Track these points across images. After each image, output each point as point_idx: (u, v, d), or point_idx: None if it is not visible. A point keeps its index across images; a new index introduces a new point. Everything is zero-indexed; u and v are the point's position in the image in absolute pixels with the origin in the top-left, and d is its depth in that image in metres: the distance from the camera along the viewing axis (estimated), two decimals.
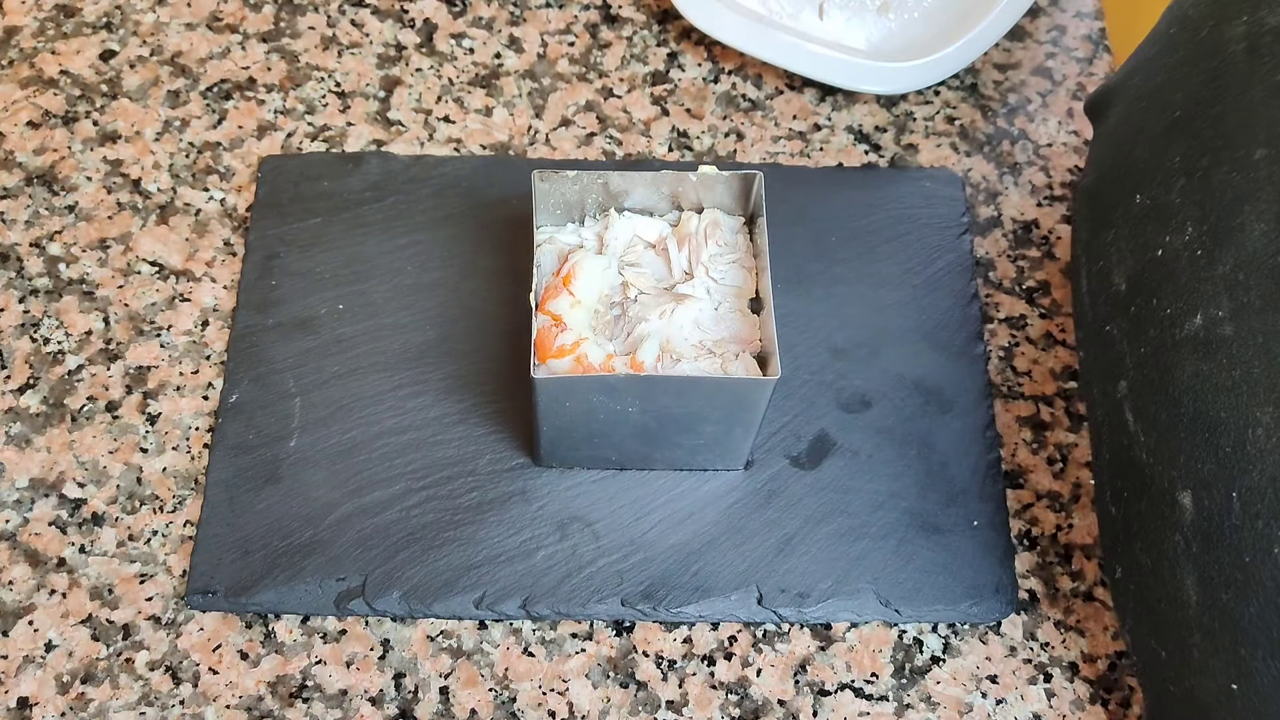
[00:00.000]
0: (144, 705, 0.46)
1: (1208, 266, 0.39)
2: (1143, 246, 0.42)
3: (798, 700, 0.47)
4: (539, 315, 0.47)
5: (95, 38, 0.63)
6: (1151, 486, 0.42)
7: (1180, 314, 0.40)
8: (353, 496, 0.50)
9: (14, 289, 0.55)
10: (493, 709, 0.47)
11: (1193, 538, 0.39)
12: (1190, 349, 0.39)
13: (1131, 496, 0.44)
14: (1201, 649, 0.40)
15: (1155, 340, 0.41)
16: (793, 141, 0.61)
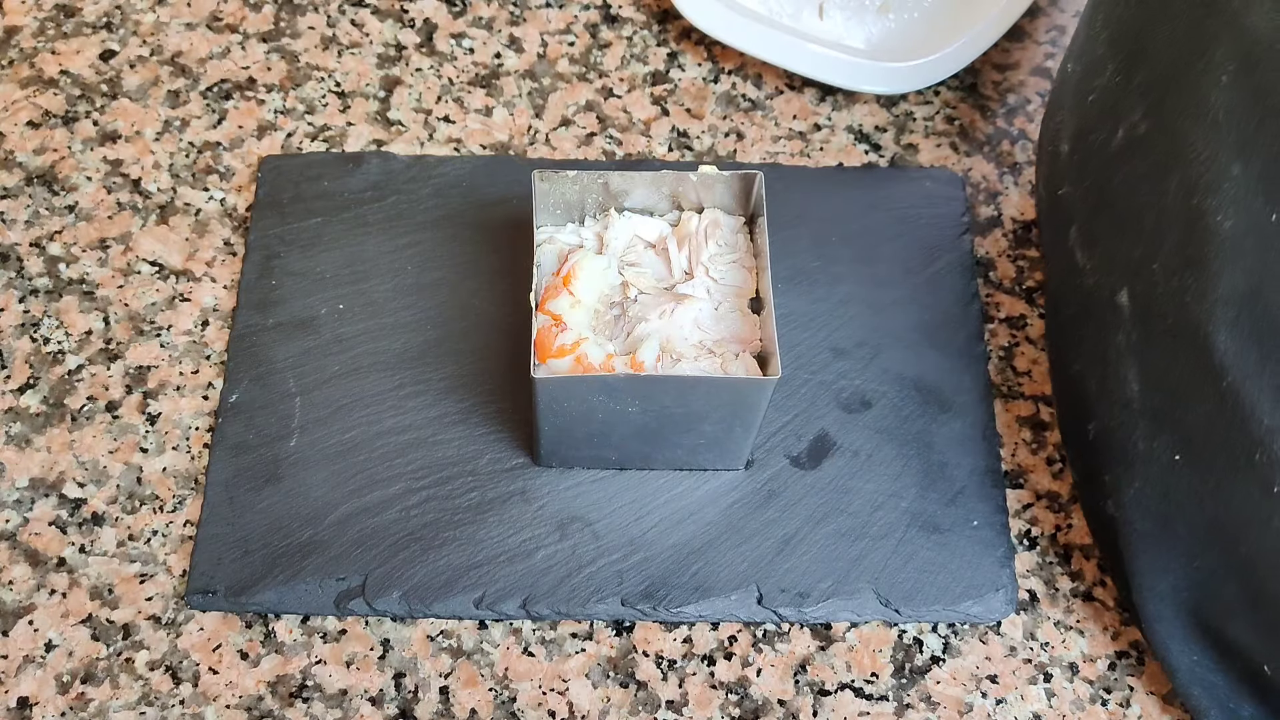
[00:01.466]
0: (144, 705, 0.46)
1: (1126, 85, 0.46)
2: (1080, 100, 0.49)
3: (798, 700, 0.47)
4: (539, 315, 0.47)
5: (95, 38, 0.63)
6: (1095, 303, 0.47)
7: (1107, 136, 0.46)
8: (353, 496, 0.50)
9: (14, 289, 0.55)
10: (493, 709, 0.47)
11: (1132, 328, 0.44)
12: (1119, 159, 0.46)
13: (1081, 329, 0.49)
14: (1148, 436, 0.45)
15: (1094, 171, 0.48)
16: (793, 141, 0.61)
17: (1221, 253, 0.41)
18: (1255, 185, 0.39)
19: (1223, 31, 0.41)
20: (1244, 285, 0.40)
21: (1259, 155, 0.39)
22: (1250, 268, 0.40)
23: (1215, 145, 0.41)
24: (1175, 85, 0.43)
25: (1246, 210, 0.40)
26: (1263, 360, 0.38)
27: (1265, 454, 0.40)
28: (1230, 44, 0.40)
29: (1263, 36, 0.39)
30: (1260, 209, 0.39)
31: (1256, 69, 0.39)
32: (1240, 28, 0.40)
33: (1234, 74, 0.40)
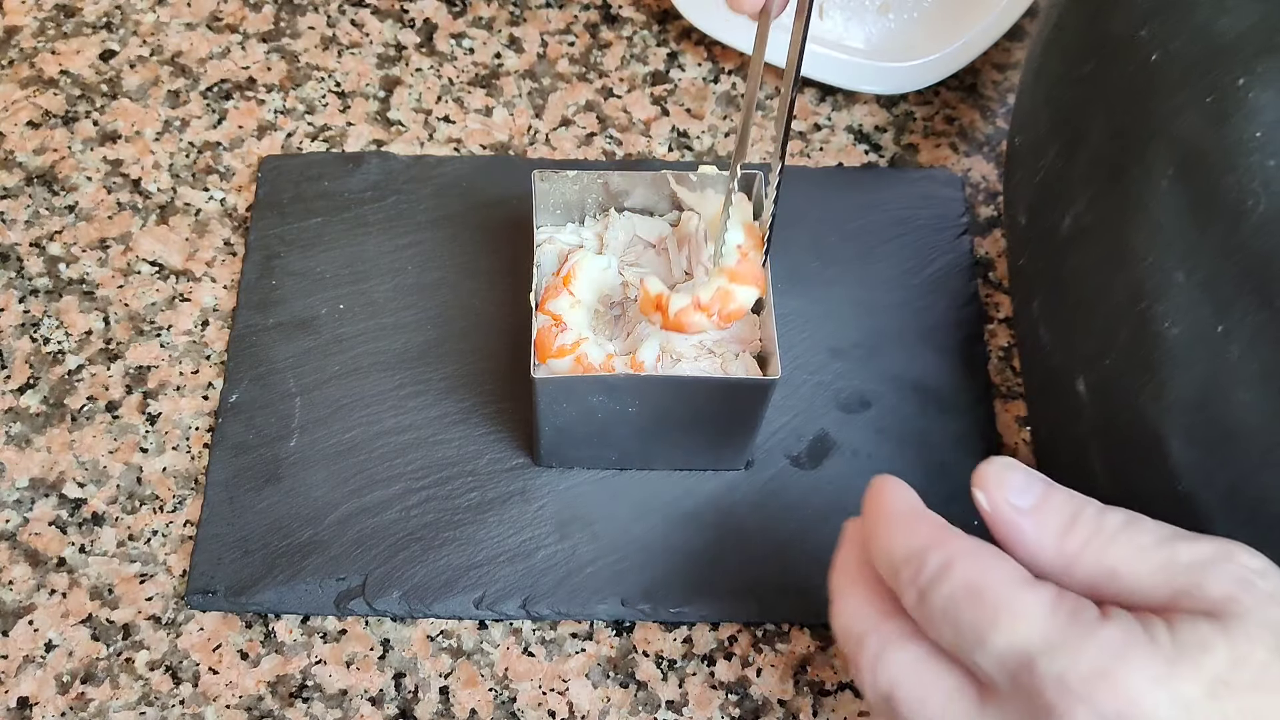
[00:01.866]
0: (144, 705, 0.46)
1: (1069, 172, 0.45)
2: (1030, 177, 0.49)
3: (798, 700, 0.47)
4: (539, 315, 0.47)
5: (95, 38, 0.63)
6: (1059, 385, 0.46)
7: (1057, 220, 0.45)
8: (353, 496, 0.50)
9: (14, 289, 0.55)
10: (493, 709, 0.47)
11: (1091, 416, 0.44)
12: (1067, 246, 0.45)
13: (1050, 406, 0.48)
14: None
15: (1046, 252, 0.47)
16: (793, 141, 0.61)
17: (1170, 359, 0.40)
18: (1200, 295, 0.38)
19: (1156, 134, 0.40)
20: (1194, 394, 0.39)
21: (1202, 265, 0.38)
22: (1199, 378, 0.39)
23: (1159, 250, 0.40)
24: (1116, 182, 0.42)
25: (1194, 319, 0.39)
26: (1215, 468, 0.38)
27: None
28: (1165, 148, 0.39)
29: (1194, 145, 0.38)
30: (1207, 319, 0.38)
31: (1193, 177, 0.38)
32: (1171, 136, 0.39)
33: (1173, 179, 0.39)
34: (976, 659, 0.31)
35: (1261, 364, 0.37)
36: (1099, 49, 0.44)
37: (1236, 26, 0.38)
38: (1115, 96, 0.42)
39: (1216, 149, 0.38)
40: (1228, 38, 0.38)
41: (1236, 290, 0.38)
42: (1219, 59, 0.38)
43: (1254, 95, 0.37)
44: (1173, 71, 0.39)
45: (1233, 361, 0.38)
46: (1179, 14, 0.40)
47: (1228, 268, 0.38)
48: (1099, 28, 0.44)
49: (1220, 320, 0.38)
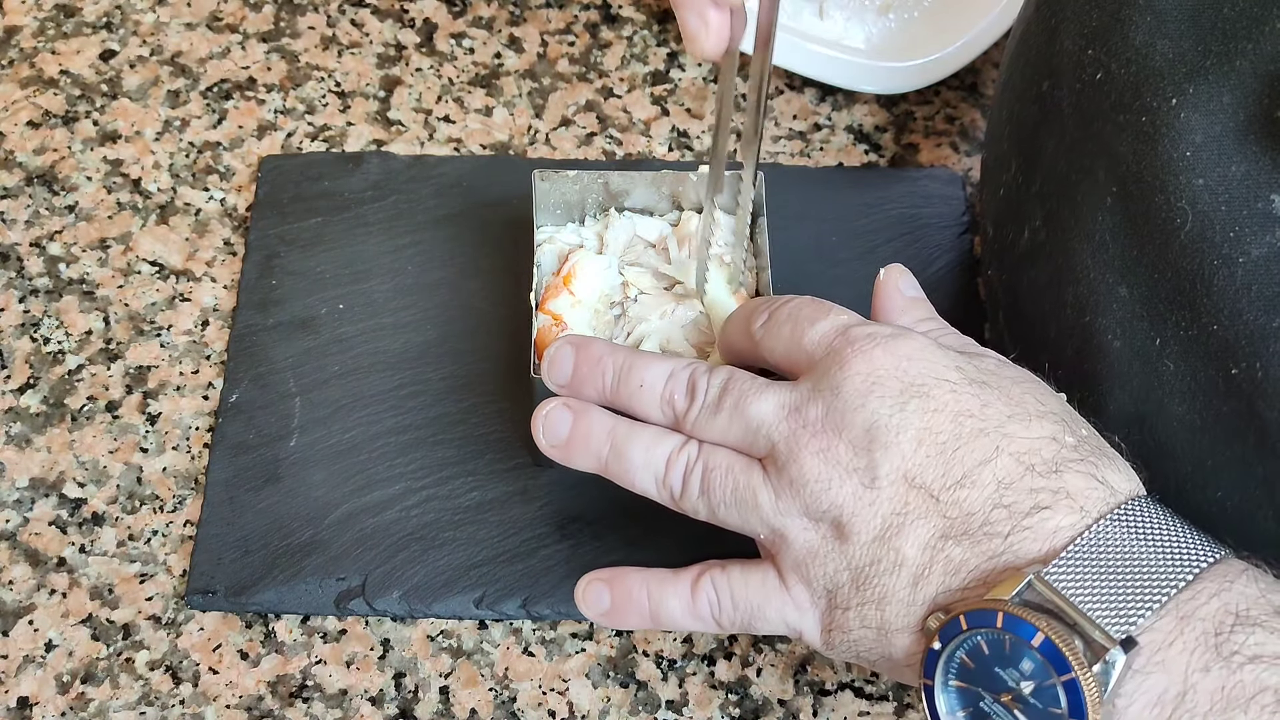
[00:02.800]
0: (144, 705, 0.46)
1: (1026, 189, 0.46)
2: (994, 191, 0.50)
3: (798, 700, 0.47)
4: (539, 315, 0.47)
5: (95, 38, 0.63)
6: None
7: (1015, 235, 0.47)
8: (353, 496, 0.50)
9: (14, 289, 0.55)
10: (493, 709, 0.47)
11: None
12: (1024, 262, 0.46)
13: None
14: None
15: (1008, 266, 0.48)
16: (793, 141, 0.61)
17: (1111, 373, 0.41)
18: (1139, 310, 0.39)
19: (1101, 154, 0.41)
20: (1133, 408, 0.40)
21: (1140, 281, 0.39)
22: (1138, 391, 0.40)
23: (1103, 266, 0.41)
24: (1066, 199, 0.43)
25: (1133, 333, 0.40)
26: (1151, 482, 0.38)
27: None
28: (1108, 167, 0.40)
29: (1131, 166, 0.39)
30: (1145, 333, 0.39)
31: (1131, 195, 0.39)
32: (1113, 153, 0.40)
33: (1115, 197, 0.40)
34: (805, 341, 0.40)
35: (1193, 378, 0.38)
36: (1054, 67, 0.44)
37: (1174, 49, 0.39)
38: (1066, 114, 0.43)
39: (1149, 168, 0.39)
40: (1164, 59, 0.39)
41: (1169, 306, 0.38)
42: (1153, 80, 0.39)
43: (1184, 116, 0.38)
44: (1113, 91, 0.40)
45: (1167, 375, 0.39)
46: (1120, 35, 0.40)
47: (1162, 284, 0.39)
48: (1054, 46, 0.44)
49: (1157, 334, 0.39)
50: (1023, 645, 0.34)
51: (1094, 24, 0.42)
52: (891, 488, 0.37)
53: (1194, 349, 0.38)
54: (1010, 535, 0.36)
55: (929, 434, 0.37)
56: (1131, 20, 0.40)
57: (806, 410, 0.39)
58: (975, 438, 0.37)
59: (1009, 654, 0.34)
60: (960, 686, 0.36)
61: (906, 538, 0.37)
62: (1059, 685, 0.33)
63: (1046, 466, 0.36)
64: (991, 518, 0.36)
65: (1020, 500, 0.36)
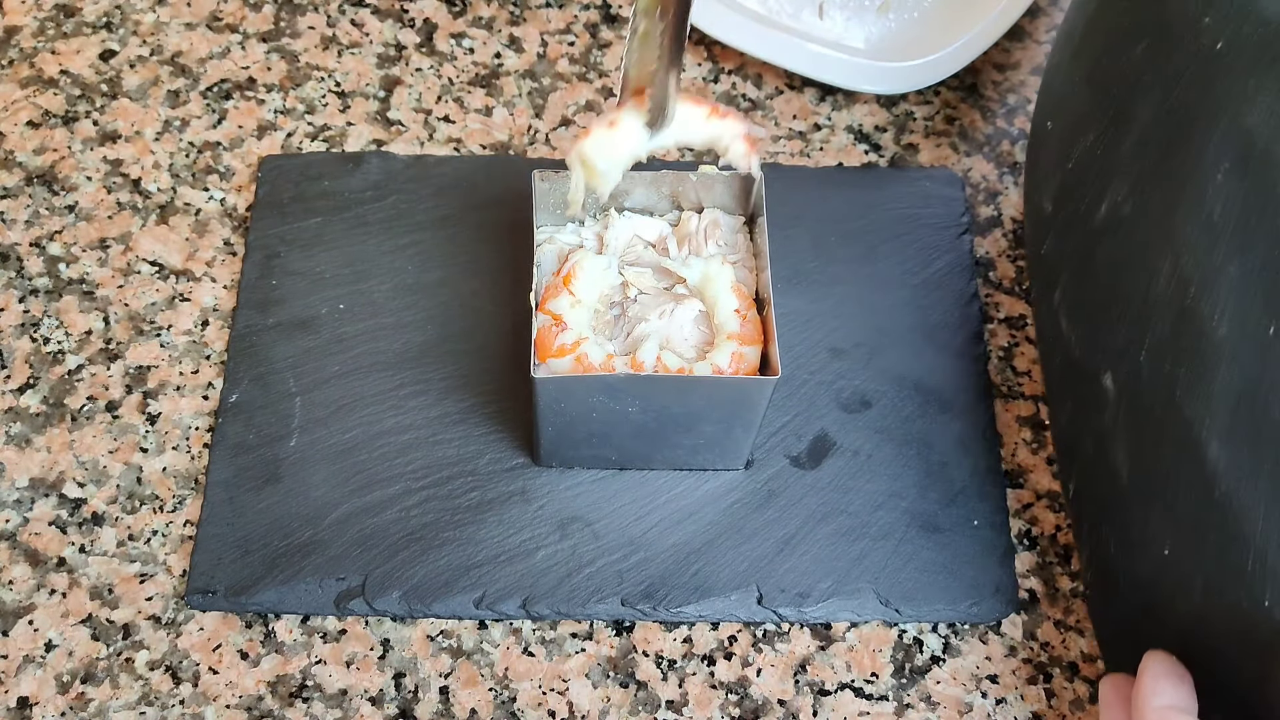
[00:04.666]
0: (144, 705, 0.46)
1: (1110, 156, 0.44)
2: (1061, 162, 0.47)
3: (798, 700, 0.47)
4: (539, 315, 0.47)
5: (95, 38, 0.63)
6: (1082, 380, 0.45)
7: (1091, 207, 0.45)
8: (353, 496, 0.50)
9: (14, 289, 0.55)
10: (493, 709, 0.47)
11: (1119, 411, 0.43)
12: (1101, 234, 0.44)
13: (1069, 400, 0.47)
14: (1140, 523, 0.43)
15: (1076, 240, 0.46)
16: (793, 141, 0.61)
17: (1217, 354, 0.39)
18: (1253, 293, 0.38)
19: (1218, 123, 0.39)
20: (1240, 387, 0.38)
21: (1255, 262, 0.37)
22: (1247, 372, 0.38)
23: (1210, 243, 0.39)
24: (1166, 169, 0.41)
25: (1244, 317, 0.38)
26: (1258, 467, 0.37)
27: (1259, 564, 0.38)
28: (1225, 139, 0.38)
29: (1259, 138, 0.37)
30: (1258, 319, 0.37)
31: (1253, 172, 0.37)
32: (1237, 126, 0.38)
33: (1229, 172, 0.38)
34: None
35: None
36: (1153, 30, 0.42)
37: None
38: (1172, 79, 0.41)
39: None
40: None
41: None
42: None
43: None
44: (1239, 62, 0.38)
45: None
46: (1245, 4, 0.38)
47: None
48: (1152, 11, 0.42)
49: (1272, 319, 0.37)
50: None
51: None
52: None
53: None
54: None
55: None
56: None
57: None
58: None
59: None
60: None
61: None
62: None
63: None
64: None
65: None
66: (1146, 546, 0.43)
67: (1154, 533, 0.42)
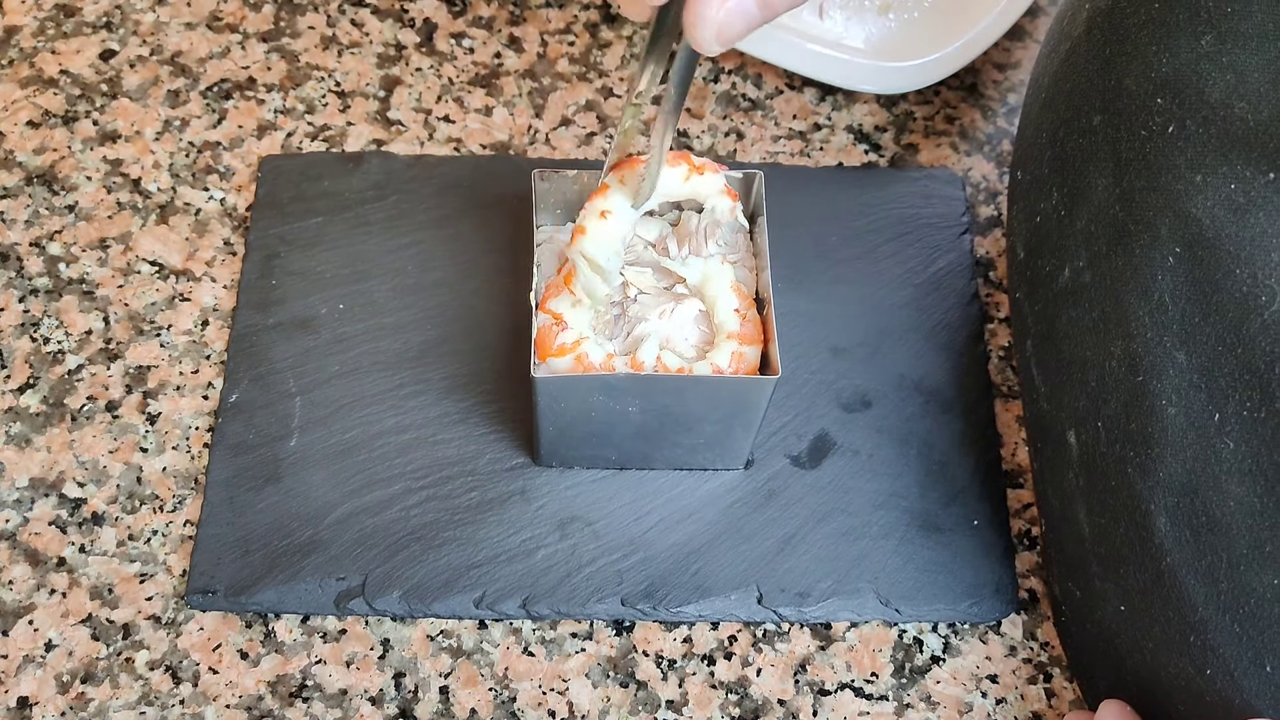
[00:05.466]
0: (144, 705, 0.46)
1: (1069, 223, 0.44)
2: (1029, 215, 0.48)
3: (798, 700, 0.47)
4: (540, 314, 0.47)
5: (95, 37, 0.63)
6: (1050, 432, 0.46)
7: (1055, 269, 0.45)
8: (353, 496, 0.50)
9: (14, 289, 0.55)
10: (493, 708, 0.47)
11: (1080, 472, 0.44)
12: (1064, 299, 0.44)
13: (1042, 446, 0.48)
14: (1099, 577, 0.43)
15: (1043, 297, 0.46)
16: (793, 141, 0.61)
17: (1164, 438, 0.39)
18: (1198, 380, 0.38)
19: (1168, 209, 0.39)
20: (1185, 477, 0.39)
21: (1202, 350, 0.37)
22: (1191, 462, 0.38)
23: (1160, 327, 0.39)
24: (1120, 247, 0.41)
25: (1190, 403, 0.38)
26: (1200, 553, 0.37)
27: (1199, 639, 0.39)
28: (1175, 225, 0.38)
29: (1206, 229, 0.37)
30: (1203, 406, 0.38)
31: (1203, 261, 0.37)
32: (1185, 214, 0.38)
33: (1180, 257, 0.38)
34: None
35: (1255, 460, 0.37)
36: (1111, 104, 0.42)
37: (1256, 114, 0.37)
38: (1126, 158, 0.41)
39: (1233, 238, 0.37)
40: (1247, 124, 0.37)
41: (1235, 383, 0.37)
42: (1241, 146, 0.37)
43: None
44: (1189, 149, 0.38)
45: (1226, 453, 0.37)
46: (1193, 89, 0.38)
47: (1229, 359, 0.37)
48: (1112, 81, 0.42)
49: (1216, 410, 0.37)
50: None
51: (1164, 70, 0.39)
52: None
53: (1259, 432, 0.36)
54: None
55: None
56: (1209, 75, 0.38)
57: None
58: None
59: None
60: None
61: None
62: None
63: None
64: None
65: None
66: (1106, 600, 0.43)
67: (1110, 590, 0.43)
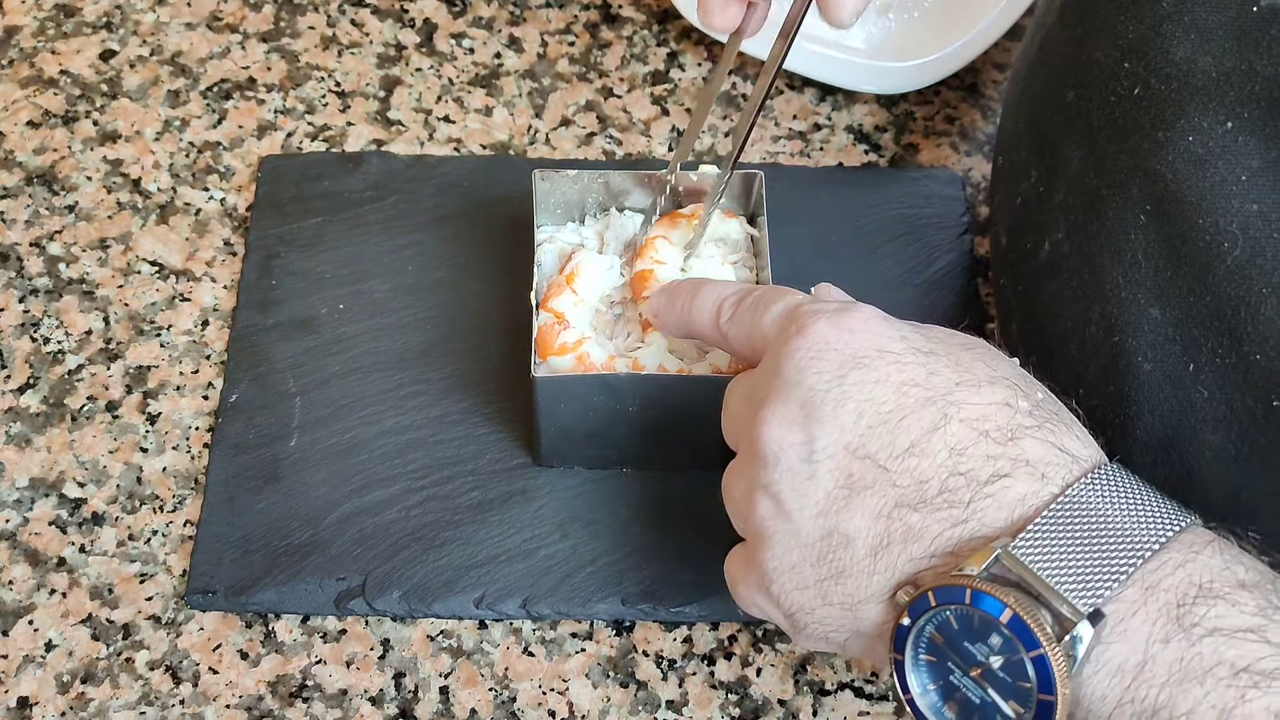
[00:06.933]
0: (144, 705, 0.46)
1: (1048, 198, 0.45)
2: (1010, 200, 0.49)
3: (798, 700, 0.47)
4: (541, 313, 0.47)
5: (95, 38, 0.63)
6: None
7: (1035, 245, 0.45)
8: (353, 496, 0.50)
9: (14, 289, 0.55)
10: (493, 709, 0.47)
11: None
12: (1044, 273, 0.45)
13: None
14: None
15: (1025, 276, 0.47)
16: (793, 141, 0.61)
17: (1140, 395, 0.40)
18: (1172, 333, 0.39)
19: (1136, 170, 0.40)
20: (1161, 432, 0.39)
21: (1174, 303, 0.38)
22: (1167, 416, 0.39)
23: (1134, 285, 0.40)
24: (1094, 214, 0.42)
25: (1164, 356, 0.39)
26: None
27: None
28: (1143, 185, 0.39)
29: (1169, 184, 0.38)
30: (1177, 358, 0.38)
31: (1170, 215, 0.38)
32: (1151, 171, 0.39)
33: (1151, 215, 0.39)
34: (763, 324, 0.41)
35: (1229, 406, 0.37)
36: (1082, 77, 0.43)
37: (1218, 67, 0.37)
38: (1098, 127, 0.42)
39: (1194, 190, 0.38)
40: (1208, 78, 0.38)
41: (1206, 332, 0.38)
42: (1200, 99, 0.38)
43: (1241, 140, 0.37)
44: (1153, 107, 0.39)
45: (1200, 402, 0.38)
46: (1160, 49, 0.39)
47: (1199, 308, 0.38)
48: (1082, 55, 0.43)
49: (1190, 359, 0.38)
50: (991, 621, 0.34)
51: (1130, 36, 0.41)
52: (831, 460, 0.37)
53: (1231, 377, 0.37)
54: (972, 503, 0.35)
55: (871, 405, 0.37)
56: (1172, 35, 0.39)
57: (756, 393, 0.39)
58: (921, 407, 0.36)
59: (977, 629, 0.34)
60: (930, 661, 0.36)
61: (855, 509, 0.36)
62: (1027, 660, 0.33)
63: (1002, 434, 0.36)
64: (949, 485, 0.36)
65: (977, 468, 0.36)
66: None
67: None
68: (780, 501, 0.37)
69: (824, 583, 0.37)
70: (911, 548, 0.36)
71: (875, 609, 0.37)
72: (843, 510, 0.37)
